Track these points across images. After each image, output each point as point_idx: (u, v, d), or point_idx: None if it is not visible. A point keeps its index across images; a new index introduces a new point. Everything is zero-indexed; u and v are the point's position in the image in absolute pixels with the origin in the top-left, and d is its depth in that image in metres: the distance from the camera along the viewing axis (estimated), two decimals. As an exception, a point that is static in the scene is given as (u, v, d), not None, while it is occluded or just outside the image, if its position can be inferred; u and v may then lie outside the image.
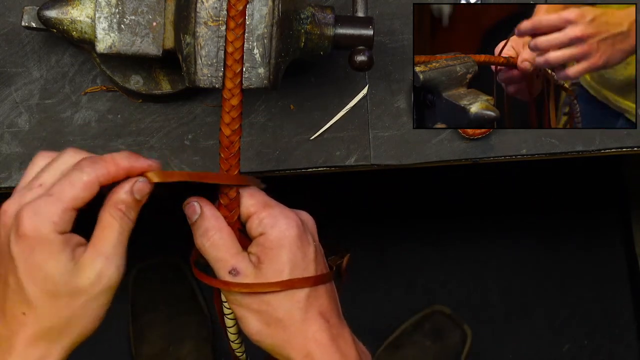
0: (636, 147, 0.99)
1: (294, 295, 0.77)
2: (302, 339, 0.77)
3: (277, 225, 0.77)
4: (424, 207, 1.88)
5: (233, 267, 0.77)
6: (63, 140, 0.96)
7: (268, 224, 0.77)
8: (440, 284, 1.85)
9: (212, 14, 0.79)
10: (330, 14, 0.87)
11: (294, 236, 0.77)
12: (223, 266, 0.77)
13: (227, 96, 0.77)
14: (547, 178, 1.89)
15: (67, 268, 0.75)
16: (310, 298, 0.78)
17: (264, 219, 0.78)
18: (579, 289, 1.86)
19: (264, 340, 0.78)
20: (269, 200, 0.80)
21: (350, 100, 0.98)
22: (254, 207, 0.79)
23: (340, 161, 0.98)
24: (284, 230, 0.77)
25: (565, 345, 1.86)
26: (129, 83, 0.94)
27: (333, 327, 0.78)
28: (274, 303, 0.77)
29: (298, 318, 0.77)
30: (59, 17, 0.86)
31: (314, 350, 0.77)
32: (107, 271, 0.76)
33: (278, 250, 0.77)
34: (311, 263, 0.78)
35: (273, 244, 0.77)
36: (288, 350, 0.77)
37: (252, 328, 0.78)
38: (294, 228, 0.77)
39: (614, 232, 1.89)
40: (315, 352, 0.77)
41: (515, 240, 1.88)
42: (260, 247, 0.77)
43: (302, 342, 0.77)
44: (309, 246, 0.78)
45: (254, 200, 0.79)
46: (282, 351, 0.78)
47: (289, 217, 0.78)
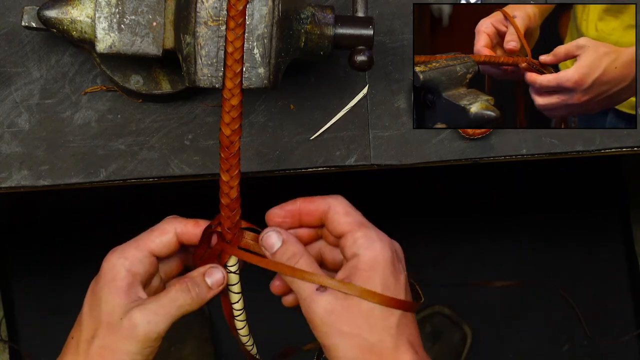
0: (636, 147, 0.99)
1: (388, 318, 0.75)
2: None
3: (372, 247, 0.76)
4: (424, 207, 1.88)
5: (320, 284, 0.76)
6: (63, 140, 0.96)
7: (363, 245, 0.77)
8: (440, 284, 1.85)
9: (212, 14, 0.79)
10: (330, 14, 0.87)
11: (389, 260, 0.76)
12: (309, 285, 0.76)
13: (227, 96, 0.77)
14: (547, 178, 1.89)
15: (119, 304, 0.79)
16: (401, 325, 0.76)
17: (359, 239, 0.77)
18: (579, 289, 1.86)
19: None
20: (364, 220, 0.79)
21: (350, 100, 0.99)
22: (350, 225, 0.78)
23: (340, 161, 0.98)
24: (379, 253, 0.76)
25: (565, 345, 1.86)
26: (129, 83, 0.94)
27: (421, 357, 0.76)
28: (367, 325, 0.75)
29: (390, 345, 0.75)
30: (59, 17, 0.87)
31: None
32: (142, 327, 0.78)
33: (371, 272, 0.76)
34: (402, 290, 0.77)
35: (367, 265, 0.76)
36: None
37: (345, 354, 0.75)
38: (388, 252, 0.77)
39: (614, 232, 1.89)
40: None
41: (515, 240, 1.88)
42: (353, 269, 0.76)
43: None
44: (400, 273, 0.78)
45: (351, 218, 0.79)
46: None
47: (384, 241, 0.77)
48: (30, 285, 1.82)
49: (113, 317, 0.78)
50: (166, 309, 0.79)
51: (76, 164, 0.96)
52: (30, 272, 1.82)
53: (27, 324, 1.81)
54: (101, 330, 0.78)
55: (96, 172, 0.97)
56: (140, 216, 1.86)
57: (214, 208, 0.82)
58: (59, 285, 1.82)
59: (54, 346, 1.78)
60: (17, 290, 1.81)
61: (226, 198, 0.79)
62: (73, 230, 1.84)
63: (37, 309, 1.81)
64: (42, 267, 1.83)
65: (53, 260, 1.83)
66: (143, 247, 0.81)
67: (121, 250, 0.81)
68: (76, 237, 1.83)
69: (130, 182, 0.98)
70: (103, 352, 0.77)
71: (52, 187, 0.97)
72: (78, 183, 0.97)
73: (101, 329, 0.78)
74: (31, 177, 0.96)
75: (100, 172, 0.97)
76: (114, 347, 0.77)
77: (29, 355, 1.79)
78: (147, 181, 0.98)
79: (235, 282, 0.83)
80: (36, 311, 1.81)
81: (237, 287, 0.84)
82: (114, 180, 0.97)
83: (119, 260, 0.80)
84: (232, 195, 0.79)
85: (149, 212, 1.88)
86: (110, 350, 0.77)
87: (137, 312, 0.78)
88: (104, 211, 1.85)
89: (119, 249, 0.81)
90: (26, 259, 1.83)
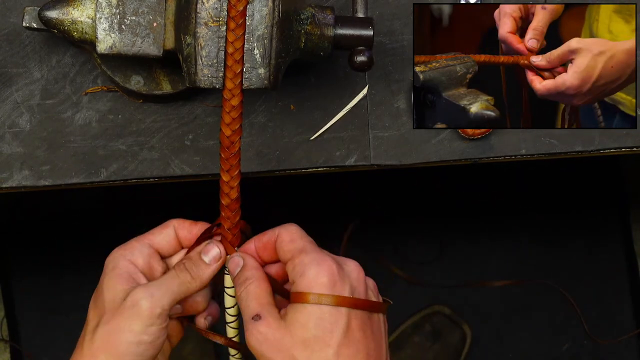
0: (635, 147, 0.99)
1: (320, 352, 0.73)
2: None
3: (305, 274, 0.74)
4: (424, 207, 1.88)
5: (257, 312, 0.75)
6: (64, 140, 0.96)
7: (298, 272, 0.75)
8: (440, 284, 1.85)
9: (212, 15, 0.79)
10: (330, 15, 0.87)
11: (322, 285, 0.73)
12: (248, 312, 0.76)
13: (227, 96, 0.78)
14: (546, 178, 1.89)
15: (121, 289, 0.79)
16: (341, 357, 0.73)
17: (296, 266, 0.75)
18: (578, 289, 1.86)
19: None
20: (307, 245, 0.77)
21: (350, 100, 0.99)
22: (291, 252, 0.77)
23: (340, 161, 0.98)
24: (312, 279, 0.74)
25: (565, 345, 1.86)
26: (130, 83, 0.94)
27: None
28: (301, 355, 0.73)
29: None
30: (59, 18, 0.87)
31: None
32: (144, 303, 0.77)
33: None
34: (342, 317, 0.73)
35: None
36: None
37: None
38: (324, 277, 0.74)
39: (614, 232, 1.89)
40: None
41: (515, 240, 1.88)
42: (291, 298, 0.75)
43: None
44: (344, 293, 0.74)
45: (293, 245, 0.77)
46: None
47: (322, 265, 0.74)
48: (31, 285, 1.82)
49: (115, 301, 0.78)
50: (167, 285, 0.78)
51: (77, 164, 0.96)
52: (30, 272, 1.82)
53: (27, 324, 1.81)
54: (105, 317, 0.78)
55: (97, 172, 0.97)
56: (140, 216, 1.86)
57: (214, 208, 0.82)
58: (59, 285, 1.82)
59: (55, 345, 1.79)
60: (17, 290, 1.81)
61: (226, 198, 0.79)
62: (73, 230, 1.84)
63: (37, 309, 1.81)
64: (42, 267, 1.83)
65: (53, 260, 1.83)
66: (143, 239, 0.82)
67: (122, 245, 0.82)
68: (76, 237, 1.83)
69: (130, 183, 0.98)
70: (107, 336, 0.77)
71: (52, 187, 0.97)
72: (79, 183, 0.97)
73: (105, 315, 0.78)
74: (32, 177, 0.96)
75: (100, 172, 0.97)
76: (118, 328, 0.76)
77: (29, 355, 1.79)
78: (148, 181, 0.98)
79: (231, 285, 0.83)
80: (36, 311, 1.81)
81: (233, 290, 0.83)
82: (115, 180, 0.97)
83: (119, 252, 0.81)
84: (232, 196, 0.79)
85: (149, 212, 1.89)
86: (115, 332, 0.76)
87: (139, 290, 0.77)
88: (105, 211, 1.85)
89: (121, 245, 0.82)
90: (26, 259, 1.83)
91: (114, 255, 0.81)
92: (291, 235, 0.78)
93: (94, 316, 0.79)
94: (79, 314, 1.80)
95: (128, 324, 0.76)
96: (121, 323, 0.76)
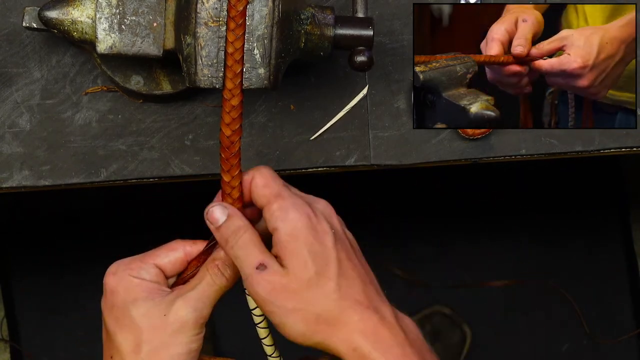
0: (635, 147, 0.99)
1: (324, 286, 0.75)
2: (346, 332, 0.75)
3: (287, 218, 0.75)
4: (424, 207, 1.89)
5: (260, 262, 0.75)
6: (64, 141, 0.96)
7: (279, 217, 0.76)
8: (439, 284, 1.85)
9: (212, 15, 0.79)
10: (330, 15, 0.87)
11: (306, 226, 0.75)
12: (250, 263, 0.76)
13: (227, 96, 0.77)
14: (546, 178, 1.89)
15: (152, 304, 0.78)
16: (341, 288, 0.75)
17: (275, 211, 0.76)
18: (578, 289, 1.86)
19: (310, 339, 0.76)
20: (282, 189, 0.77)
21: (350, 100, 0.99)
22: (267, 197, 0.77)
23: (340, 161, 0.98)
24: (295, 221, 0.75)
25: (564, 345, 1.86)
26: (130, 83, 0.94)
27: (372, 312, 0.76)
28: (308, 298, 0.75)
29: (336, 311, 0.75)
30: (59, 18, 0.87)
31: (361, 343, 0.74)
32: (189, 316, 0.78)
33: (295, 242, 0.75)
34: (331, 250, 0.76)
35: (287, 237, 0.75)
36: (335, 345, 0.75)
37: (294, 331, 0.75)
38: (304, 217, 0.76)
39: (614, 232, 1.89)
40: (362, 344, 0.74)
41: (515, 240, 1.88)
42: (279, 245, 0.76)
43: (347, 335, 0.75)
44: (325, 234, 0.76)
45: (268, 190, 0.77)
46: (330, 347, 0.75)
47: (299, 207, 0.76)
48: (31, 285, 1.82)
49: (152, 318, 0.77)
50: (206, 293, 0.78)
51: (77, 164, 0.96)
52: (30, 272, 1.83)
53: (27, 324, 1.81)
54: (145, 335, 0.77)
55: (97, 172, 0.97)
56: (140, 216, 1.87)
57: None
58: (59, 285, 1.82)
59: (55, 345, 1.79)
60: (17, 290, 1.81)
61: (228, 198, 0.79)
62: (73, 230, 1.84)
63: (37, 309, 1.81)
64: (42, 267, 1.83)
65: (53, 260, 1.83)
66: (147, 260, 0.80)
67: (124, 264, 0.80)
68: (76, 237, 1.84)
69: (130, 182, 0.98)
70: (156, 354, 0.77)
71: (52, 187, 0.97)
72: (79, 183, 0.97)
73: (144, 334, 0.77)
74: (32, 177, 0.96)
75: (100, 172, 0.97)
76: (166, 343, 0.77)
77: (29, 355, 1.79)
78: (148, 181, 0.98)
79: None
80: (36, 311, 1.81)
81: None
82: (115, 180, 0.97)
83: (125, 272, 0.79)
84: (234, 196, 0.79)
85: (149, 212, 1.89)
86: (164, 347, 0.77)
87: (180, 303, 0.77)
88: (105, 211, 1.85)
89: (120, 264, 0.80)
90: (26, 259, 1.83)
91: (121, 276, 0.79)
92: (265, 180, 0.78)
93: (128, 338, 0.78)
94: (79, 314, 1.80)
95: (175, 338, 0.77)
96: (168, 339, 0.77)
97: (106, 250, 1.79)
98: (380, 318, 0.76)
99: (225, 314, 1.79)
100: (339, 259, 0.76)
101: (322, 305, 0.75)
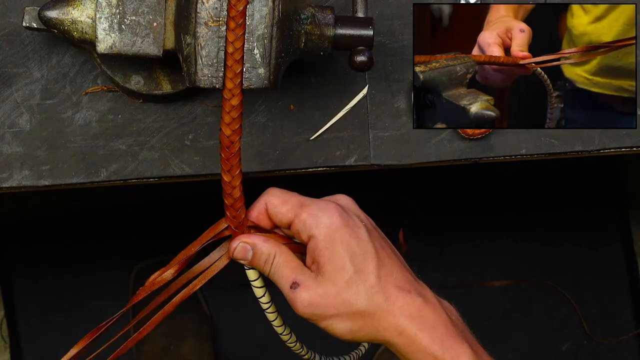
0: (635, 147, 1.00)
1: (365, 280, 0.76)
2: (392, 319, 0.77)
3: (321, 222, 0.77)
4: (424, 207, 1.88)
5: (293, 280, 0.77)
6: (64, 140, 0.96)
7: (312, 225, 0.77)
8: (440, 284, 1.85)
9: (212, 15, 0.80)
10: (330, 15, 0.87)
11: (340, 225, 0.77)
12: (284, 284, 0.78)
13: (227, 96, 0.78)
14: (546, 178, 1.89)
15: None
16: (382, 278, 0.77)
17: (306, 220, 0.77)
18: (578, 288, 1.86)
19: (358, 336, 0.78)
20: (303, 199, 0.79)
21: (350, 100, 0.99)
22: (291, 212, 0.79)
23: (340, 161, 0.98)
24: (329, 224, 0.77)
25: (564, 345, 1.86)
26: (130, 83, 0.94)
27: (415, 295, 0.78)
28: (350, 298, 0.76)
29: (380, 301, 0.77)
30: (59, 18, 0.87)
31: (407, 326, 0.77)
32: None
33: (332, 246, 0.76)
34: (368, 244, 0.78)
35: (325, 242, 0.77)
36: (382, 334, 0.77)
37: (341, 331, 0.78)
38: (336, 217, 0.77)
39: (613, 232, 1.89)
40: (408, 327, 0.77)
41: (515, 240, 1.88)
42: (315, 251, 0.77)
43: (393, 321, 0.77)
44: (358, 228, 0.78)
45: (289, 205, 0.79)
46: (378, 337, 0.77)
47: (328, 209, 0.78)
48: (31, 285, 1.82)
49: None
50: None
51: (77, 164, 0.97)
52: (30, 272, 1.82)
53: (27, 324, 1.81)
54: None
55: (97, 172, 0.97)
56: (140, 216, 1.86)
57: (214, 208, 0.82)
58: (59, 285, 1.82)
59: (55, 345, 1.79)
60: (17, 290, 1.81)
61: (229, 198, 0.79)
62: (74, 230, 1.84)
63: (37, 309, 1.81)
64: (42, 267, 1.83)
65: (53, 260, 1.83)
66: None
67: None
68: (77, 237, 1.83)
69: (130, 182, 0.98)
70: None
71: (52, 187, 0.97)
72: (79, 183, 0.97)
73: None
74: (32, 177, 0.96)
75: (100, 172, 0.97)
76: None
77: (30, 355, 1.80)
78: (148, 181, 0.98)
79: (255, 277, 0.83)
80: (36, 311, 1.81)
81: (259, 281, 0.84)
82: (115, 180, 0.97)
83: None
84: (235, 195, 0.79)
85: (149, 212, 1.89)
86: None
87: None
88: (105, 211, 1.85)
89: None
90: (26, 259, 1.83)
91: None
92: (280, 198, 0.80)
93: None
94: (79, 314, 1.80)
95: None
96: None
97: (106, 251, 1.79)
98: (424, 300, 0.78)
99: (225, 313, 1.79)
100: (376, 251, 0.78)
101: (364, 300, 0.77)
